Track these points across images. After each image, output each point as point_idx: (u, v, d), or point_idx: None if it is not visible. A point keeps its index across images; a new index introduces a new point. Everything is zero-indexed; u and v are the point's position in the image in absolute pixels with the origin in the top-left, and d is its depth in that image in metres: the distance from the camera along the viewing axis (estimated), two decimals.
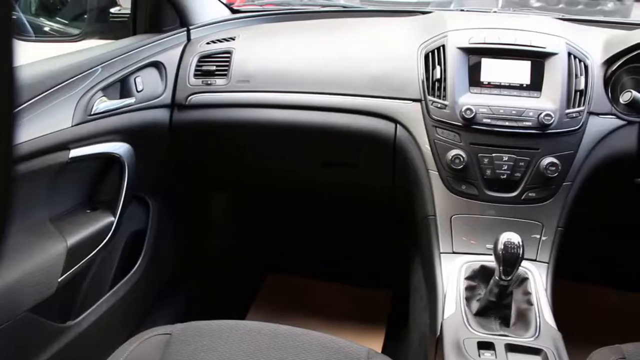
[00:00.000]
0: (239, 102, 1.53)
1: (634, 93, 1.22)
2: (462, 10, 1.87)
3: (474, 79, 1.40)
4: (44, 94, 1.21)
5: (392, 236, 1.77)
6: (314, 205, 2.17)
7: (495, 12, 1.77)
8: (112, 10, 1.76)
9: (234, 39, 1.65)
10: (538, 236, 1.35)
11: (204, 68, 1.57)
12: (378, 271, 1.98)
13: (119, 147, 1.41)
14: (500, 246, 1.12)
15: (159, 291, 1.80)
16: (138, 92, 1.47)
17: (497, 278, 1.15)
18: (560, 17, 1.74)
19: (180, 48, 1.63)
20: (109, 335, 1.50)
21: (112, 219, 1.41)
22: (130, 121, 1.44)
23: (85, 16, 1.72)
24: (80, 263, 1.31)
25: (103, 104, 1.35)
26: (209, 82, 1.56)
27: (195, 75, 1.57)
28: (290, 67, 1.55)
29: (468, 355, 1.08)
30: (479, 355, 1.09)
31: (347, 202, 1.99)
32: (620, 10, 7.75)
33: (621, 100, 1.30)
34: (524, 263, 1.29)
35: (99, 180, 1.43)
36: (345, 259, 2.17)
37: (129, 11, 1.67)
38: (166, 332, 1.13)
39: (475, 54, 1.41)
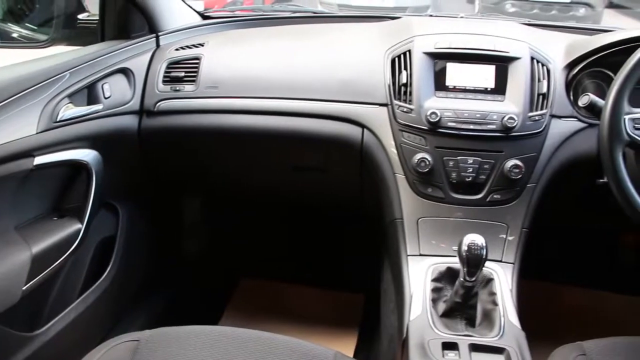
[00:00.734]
0: (207, 108, 1.54)
1: (592, 96, 1.25)
2: (430, 15, 1.89)
3: (439, 84, 1.42)
4: (8, 100, 1.20)
5: (363, 239, 1.78)
6: (286, 210, 2.17)
7: (462, 17, 1.80)
8: (80, 16, 1.74)
9: (203, 45, 1.65)
10: (503, 237, 1.37)
11: (172, 74, 1.58)
12: (351, 274, 1.99)
13: (86, 154, 1.40)
14: (464, 248, 1.13)
15: (130, 297, 1.79)
16: (106, 98, 1.46)
17: (462, 279, 1.17)
18: (526, 22, 1.77)
19: (149, 54, 1.63)
20: (78, 343, 1.49)
21: (80, 226, 1.40)
22: (98, 128, 1.44)
23: (53, 22, 1.71)
24: (47, 271, 1.30)
25: (69, 110, 1.34)
26: (177, 88, 1.56)
27: (164, 81, 1.58)
28: (258, 73, 1.56)
29: (432, 356, 1.09)
30: (443, 356, 1.10)
31: (317, 205, 2.00)
32: (592, 16, 7.93)
33: (580, 104, 1.33)
34: (490, 264, 1.31)
35: (66, 187, 1.42)
36: (318, 262, 2.18)
37: (97, 17, 1.66)
38: (134, 338, 1.12)
39: (440, 59, 1.43)
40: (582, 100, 1.28)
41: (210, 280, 2.16)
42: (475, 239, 1.14)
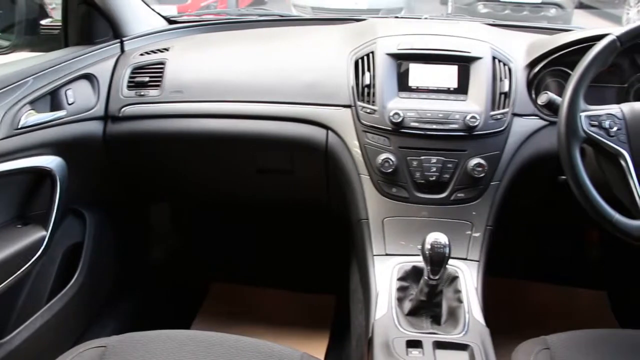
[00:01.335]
0: (172, 112, 1.54)
1: (550, 94, 1.27)
2: (396, 17, 1.91)
3: (402, 84, 1.43)
4: None
5: (332, 240, 1.79)
6: (255, 213, 2.17)
7: (426, 18, 1.82)
8: (43, 22, 1.73)
9: (168, 50, 1.65)
10: (468, 235, 1.38)
11: (137, 79, 1.57)
12: (322, 276, 2.00)
13: (50, 161, 1.39)
14: (427, 246, 1.15)
15: (99, 304, 1.77)
16: (69, 104, 1.45)
17: (426, 278, 1.18)
18: (490, 22, 1.79)
19: (114, 60, 1.63)
20: (45, 351, 1.47)
21: (44, 233, 1.39)
22: (62, 134, 1.43)
23: (15, 28, 1.69)
24: (11, 279, 1.29)
25: (32, 117, 1.33)
26: (142, 93, 1.55)
27: (128, 86, 1.57)
28: (223, 76, 1.56)
29: (396, 355, 1.10)
30: (407, 354, 1.11)
31: (285, 207, 2.01)
32: (562, 16, 8.05)
33: (539, 102, 1.35)
34: (455, 262, 1.33)
35: (30, 194, 1.41)
36: (289, 265, 2.18)
37: (60, 23, 1.65)
38: (101, 344, 1.12)
39: (403, 60, 1.45)
40: (541, 99, 1.30)
41: (181, 285, 2.15)
42: (438, 237, 1.15)
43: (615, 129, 1.18)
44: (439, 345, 1.13)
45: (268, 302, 2.09)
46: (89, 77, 1.53)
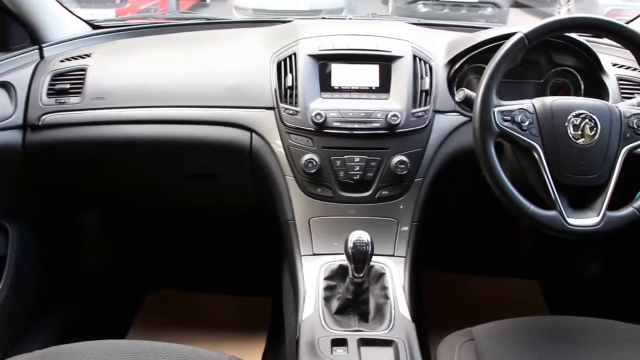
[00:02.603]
0: (94, 119, 1.50)
1: (466, 91, 1.30)
2: (323, 18, 1.92)
3: (325, 85, 1.44)
4: None
5: (267, 242, 1.79)
6: (188, 218, 2.15)
7: (350, 19, 1.83)
8: None
9: (89, 56, 1.61)
10: (394, 232, 1.40)
11: (57, 87, 1.53)
12: (259, 278, 1.99)
13: None
14: (350, 245, 1.16)
15: (26, 319, 1.72)
16: None
17: (351, 276, 1.19)
18: (415, 22, 1.82)
19: (32, 67, 1.58)
20: None
21: None
22: None
23: None
24: None
25: None
26: (62, 100, 1.51)
27: (48, 94, 1.53)
28: (146, 81, 1.54)
29: (321, 354, 1.11)
30: (332, 352, 1.11)
31: (217, 211, 1.99)
32: (499, 15, 8.25)
33: (456, 98, 1.38)
34: (381, 259, 1.34)
35: None
36: (226, 269, 2.17)
37: None
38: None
39: (325, 60, 1.45)
40: (458, 95, 1.33)
41: (116, 295, 2.11)
42: (360, 235, 1.16)
43: (527, 123, 1.22)
44: (364, 342, 1.15)
45: (205, 307, 2.07)
46: (5, 85, 1.49)
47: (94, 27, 1.88)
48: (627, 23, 1.72)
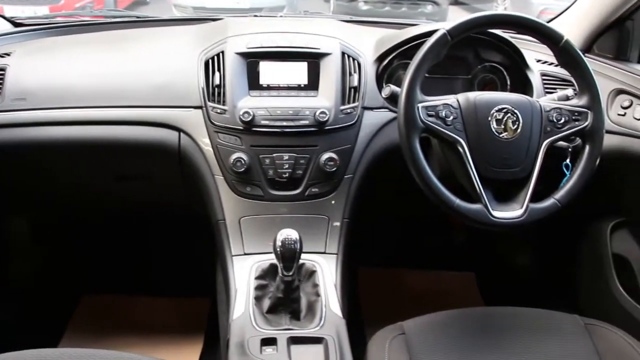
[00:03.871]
0: (13, 121, 1.45)
1: (392, 87, 1.31)
2: (255, 15, 1.91)
3: (253, 83, 1.43)
4: None
5: (201, 242, 1.76)
6: (121, 220, 2.10)
7: (282, 16, 1.82)
8: None
9: (9, 55, 1.55)
10: (325, 229, 1.40)
11: None
12: (195, 279, 1.96)
13: None
14: (278, 243, 1.16)
15: None
16: None
17: (280, 275, 1.19)
18: (346, 19, 1.83)
19: None
20: None
21: None
22: None
23: None
24: None
25: None
26: None
27: None
28: (70, 81, 1.49)
29: (250, 354, 1.10)
30: (261, 352, 1.11)
31: (148, 213, 1.96)
32: (438, 12, 8.39)
33: (382, 95, 1.39)
34: (313, 256, 1.34)
35: None
36: (161, 271, 2.13)
37: None
38: None
39: (253, 58, 1.44)
40: (385, 92, 1.34)
41: (49, 300, 2.04)
42: (289, 233, 1.17)
43: (451, 118, 1.24)
44: (294, 340, 1.14)
45: (141, 310, 2.03)
46: None
47: (16, 24, 1.81)
48: (550, 21, 1.78)
